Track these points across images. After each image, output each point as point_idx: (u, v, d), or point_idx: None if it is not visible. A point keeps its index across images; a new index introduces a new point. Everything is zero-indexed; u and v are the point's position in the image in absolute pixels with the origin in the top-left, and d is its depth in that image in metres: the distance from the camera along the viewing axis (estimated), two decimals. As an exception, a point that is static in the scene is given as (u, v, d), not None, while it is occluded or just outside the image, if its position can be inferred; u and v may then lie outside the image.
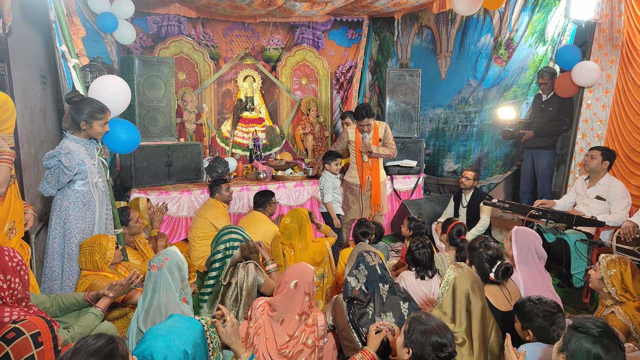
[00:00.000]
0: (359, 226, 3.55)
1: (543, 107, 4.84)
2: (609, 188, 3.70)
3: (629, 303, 2.37)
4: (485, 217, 4.60)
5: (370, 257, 2.42)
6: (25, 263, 2.06)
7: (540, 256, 2.78)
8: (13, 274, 1.96)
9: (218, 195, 4.24)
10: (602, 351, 1.49)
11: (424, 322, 1.78)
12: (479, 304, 2.12)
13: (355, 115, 4.22)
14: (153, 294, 2.30)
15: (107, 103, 3.01)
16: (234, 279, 2.81)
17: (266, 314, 2.28)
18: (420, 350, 1.73)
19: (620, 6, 4.03)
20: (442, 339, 1.73)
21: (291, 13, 5.81)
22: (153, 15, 5.83)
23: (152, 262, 2.37)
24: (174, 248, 2.52)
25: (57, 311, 2.37)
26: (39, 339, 1.60)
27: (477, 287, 2.16)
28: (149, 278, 2.33)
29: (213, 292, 2.85)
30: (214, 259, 2.87)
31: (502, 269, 2.44)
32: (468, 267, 2.26)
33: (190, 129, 5.95)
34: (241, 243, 2.89)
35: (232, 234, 2.93)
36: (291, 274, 2.30)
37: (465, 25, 5.75)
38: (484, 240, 2.58)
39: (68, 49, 3.13)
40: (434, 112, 6.38)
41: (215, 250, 2.89)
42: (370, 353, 2.07)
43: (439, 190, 6.40)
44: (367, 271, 2.36)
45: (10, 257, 1.98)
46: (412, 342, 1.75)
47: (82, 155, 2.89)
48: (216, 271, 2.85)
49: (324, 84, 7.04)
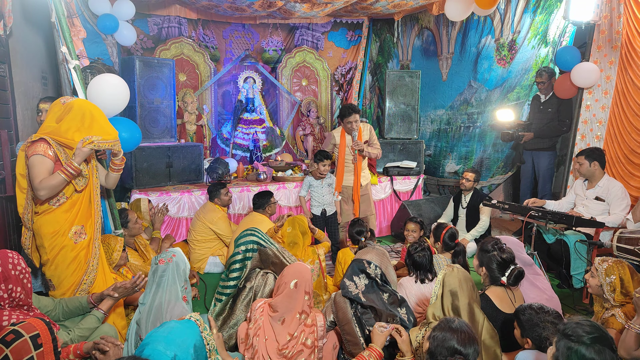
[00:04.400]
0: (352, 226, 3.56)
1: (542, 108, 4.84)
2: (608, 189, 3.70)
3: (629, 305, 2.36)
4: (485, 218, 4.61)
5: (370, 267, 2.44)
6: (28, 271, 2.04)
7: (525, 263, 2.77)
8: (15, 283, 1.94)
9: (217, 199, 4.24)
10: (596, 357, 1.50)
11: (454, 325, 1.78)
12: (465, 300, 2.15)
13: (342, 114, 4.28)
14: (157, 288, 2.32)
15: (105, 102, 3.02)
16: (249, 283, 2.81)
17: (266, 314, 2.28)
18: (435, 347, 1.74)
19: (619, 7, 4.04)
20: (460, 347, 1.71)
21: (291, 14, 5.82)
22: (154, 16, 5.85)
23: (160, 257, 2.40)
24: (178, 249, 2.55)
25: (60, 315, 2.37)
26: (38, 341, 1.59)
27: (465, 285, 2.19)
28: (155, 272, 2.35)
29: (231, 294, 2.85)
30: (234, 259, 2.88)
31: (515, 274, 2.41)
32: (459, 267, 2.29)
33: (190, 130, 5.96)
34: (261, 247, 2.88)
35: (251, 236, 2.93)
36: (290, 274, 2.31)
37: (466, 26, 5.75)
38: (497, 243, 2.54)
39: (69, 50, 3.14)
40: (435, 113, 6.38)
41: (235, 252, 2.90)
42: (377, 350, 2.09)
43: (439, 191, 6.40)
44: (368, 280, 2.41)
45: (14, 264, 1.96)
46: (433, 338, 1.77)
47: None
48: (237, 272, 2.86)
49: (324, 85, 7.05)
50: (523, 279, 2.60)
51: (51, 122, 2.52)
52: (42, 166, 2.39)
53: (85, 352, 2.07)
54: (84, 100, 2.75)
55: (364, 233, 3.47)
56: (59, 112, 2.53)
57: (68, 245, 2.51)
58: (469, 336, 1.75)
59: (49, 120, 2.53)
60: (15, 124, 3.33)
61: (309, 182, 4.36)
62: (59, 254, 2.50)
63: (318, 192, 4.32)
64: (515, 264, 2.47)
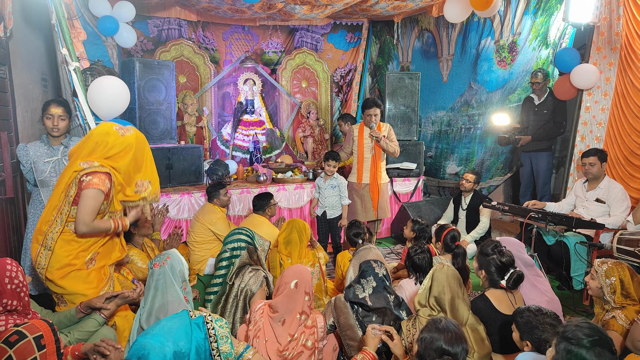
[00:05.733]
0: (350, 228, 3.55)
1: (537, 110, 4.84)
2: (609, 191, 3.70)
3: (630, 307, 2.36)
4: (485, 220, 4.60)
5: (378, 267, 2.44)
6: (26, 284, 2.01)
7: (526, 264, 2.77)
8: (11, 297, 1.91)
9: (216, 200, 4.22)
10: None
11: (441, 326, 1.79)
12: (449, 295, 2.20)
13: (363, 105, 4.36)
14: (155, 292, 2.32)
15: (105, 104, 3.04)
16: (237, 280, 2.82)
17: (266, 315, 2.28)
18: (424, 350, 1.75)
19: (618, 9, 4.04)
20: (448, 347, 1.72)
21: (291, 16, 5.83)
22: (154, 18, 5.85)
23: (154, 260, 2.40)
24: (174, 250, 2.54)
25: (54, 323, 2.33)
26: (41, 342, 1.60)
27: (452, 281, 2.23)
28: (151, 276, 2.35)
29: (219, 292, 2.87)
30: (221, 257, 2.90)
31: (514, 277, 2.41)
32: (450, 265, 2.33)
33: (190, 132, 5.96)
34: (248, 245, 2.91)
35: (240, 234, 2.97)
36: (290, 274, 2.31)
37: (466, 28, 5.76)
38: (497, 246, 2.53)
39: (69, 52, 3.14)
40: (436, 115, 6.38)
41: (222, 250, 2.92)
42: (371, 353, 2.08)
43: (439, 192, 6.40)
44: (375, 282, 2.40)
45: (11, 278, 1.93)
46: (421, 340, 1.78)
47: (39, 154, 3.00)
48: (223, 270, 2.88)
49: (324, 87, 7.05)
50: (524, 281, 2.60)
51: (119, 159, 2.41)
52: (96, 203, 2.29)
53: (83, 353, 2.04)
54: (140, 136, 2.62)
55: (362, 235, 3.47)
56: (120, 149, 2.42)
57: (82, 269, 2.44)
58: (456, 335, 1.76)
59: (109, 151, 2.39)
60: (15, 125, 3.33)
61: (317, 184, 4.48)
62: (70, 273, 2.40)
63: (322, 193, 4.38)
64: (515, 267, 2.46)
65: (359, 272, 2.47)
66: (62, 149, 3.10)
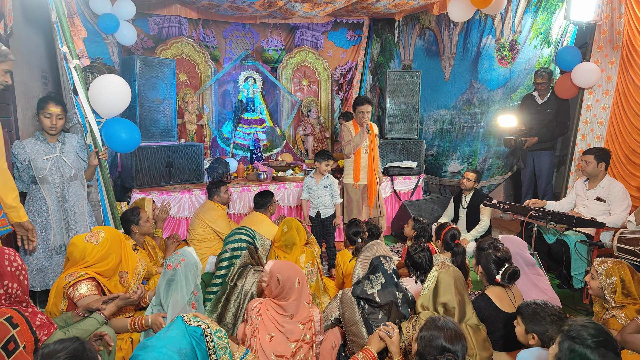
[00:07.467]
0: (349, 227, 3.52)
1: (540, 109, 4.82)
2: (609, 189, 3.69)
3: (630, 306, 2.36)
4: (486, 219, 4.60)
5: (387, 263, 2.44)
6: (25, 268, 2.03)
7: (528, 263, 2.77)
8: (11, 279, 1.94)
9: (217, 197, 4.22)
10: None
11: (440, 324, 1.79)
12: (457, 298, 2.20)
13: (355, 102, 4.33)
14: (166, 293, 2.31)
15: (107, 102, 3.02)
16: (240, 280, 2.81)
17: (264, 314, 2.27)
18: (424, 348, 1.75)
19: (620, 8, 4.03)
20: (448, 345, 1.72)
21: (292, 14, 5.82)
22: (154, 16, 5.85)
23: (169, 261, 2.39)
24: (191, 249, 2.52)
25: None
26: (13, 321, 1.77)
27: (459, 284, 2.24)
28: (164, 277, 2.35)
29: (219, 292, 2.86)
30: (221, 257, 2.90)
31: (509, 272, 2.42)
32: (453, 266, 2.33)
33: (191, 130, 5.96)
34: (249, 245, 2.89)
35: (240, 234, 2.95)
36: (290, 275, 2.29)
37: (467, 26, 5.75)
38: (494, 242, 2.56)
39: (69, 49, 3.14)
40: (438, 113, 6.37)
41: (223, 250, 2.91)
42: (372, 352, 2.09)
43: (439, 191, 6.40)
44: (384, 279, 2.39)
45: (10, 261, 1.96)
46: (421, 338, 1.78)
47: (37, 151, 2.98)
48: (224, 270, 2.87)
49: (324, 85, 7.04)
50: (525, 279, 2.60)
51: (102, 265, 2.50)
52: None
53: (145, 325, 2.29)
54: (112, 233, 2.67)
55: (361, 234, 3.46)
56: (98, 256, 2.49)
57: None
58: (455, 332, 1.77)
59: (89, 262, 2.47)
60: (15, 123, 3.33)
61: (307, 184, 4.34)
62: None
63: (314, 193, 4.29)
64: (511, 263, 2.48)
65: (370, 268, 2.46)
66: (60, 145, 3.09)
